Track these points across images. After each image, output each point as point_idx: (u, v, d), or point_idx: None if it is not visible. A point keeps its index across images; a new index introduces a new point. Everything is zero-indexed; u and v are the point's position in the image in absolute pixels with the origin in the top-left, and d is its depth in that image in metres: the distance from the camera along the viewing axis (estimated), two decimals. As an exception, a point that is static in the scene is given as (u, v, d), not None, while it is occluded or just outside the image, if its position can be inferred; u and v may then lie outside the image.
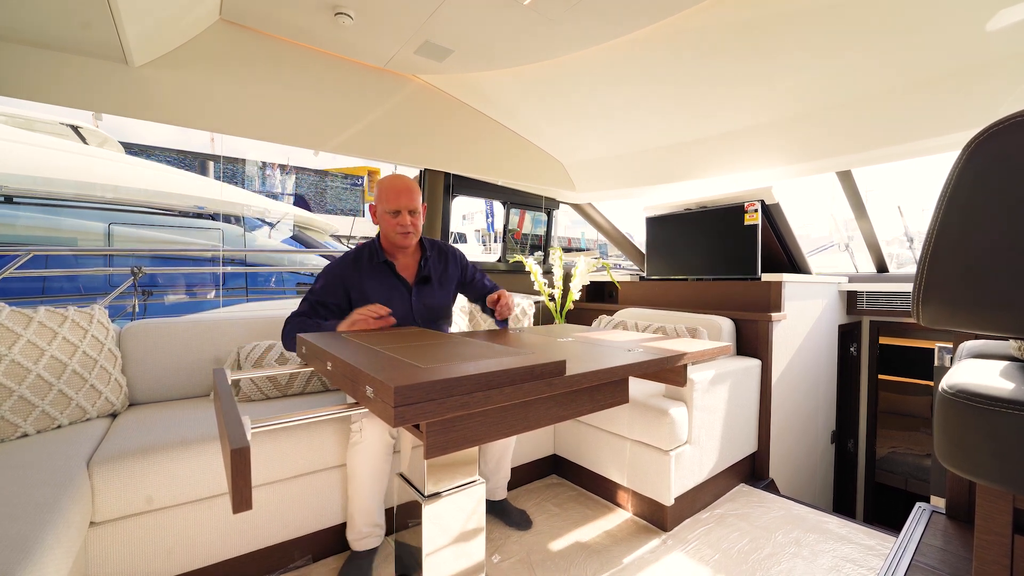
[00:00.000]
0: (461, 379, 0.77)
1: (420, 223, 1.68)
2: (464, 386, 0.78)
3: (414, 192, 1.63)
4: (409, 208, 1.61)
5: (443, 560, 1.14)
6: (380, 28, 1.83)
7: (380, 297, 1.64)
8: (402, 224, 1.61)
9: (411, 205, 1.61)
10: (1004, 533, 0.78)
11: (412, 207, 1.62)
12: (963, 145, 0.56)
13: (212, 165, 10.14)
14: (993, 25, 1.47)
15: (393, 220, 1.62)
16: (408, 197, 1.61)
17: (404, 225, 1.62)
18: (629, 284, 3.09)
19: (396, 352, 0.97)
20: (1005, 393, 0.58)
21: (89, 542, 1.25)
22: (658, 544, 1.74)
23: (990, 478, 0.59)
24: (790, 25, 1.64)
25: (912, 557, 1.13)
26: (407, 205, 1.61)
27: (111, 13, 1.38)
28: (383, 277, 1.69)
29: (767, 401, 2.27)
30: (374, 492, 1.53)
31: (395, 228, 1.62)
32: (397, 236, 1.63)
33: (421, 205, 1.66)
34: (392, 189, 1.62)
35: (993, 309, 0.55)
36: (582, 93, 2.28)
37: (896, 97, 1.81)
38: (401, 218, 1.61)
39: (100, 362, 1.65)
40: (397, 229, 1.62)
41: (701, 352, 1.31)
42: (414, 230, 1.64)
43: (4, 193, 4.79)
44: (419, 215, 1.65)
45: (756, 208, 2.44)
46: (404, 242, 1.65)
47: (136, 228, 5.64)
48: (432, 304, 1.76)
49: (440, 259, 1.82)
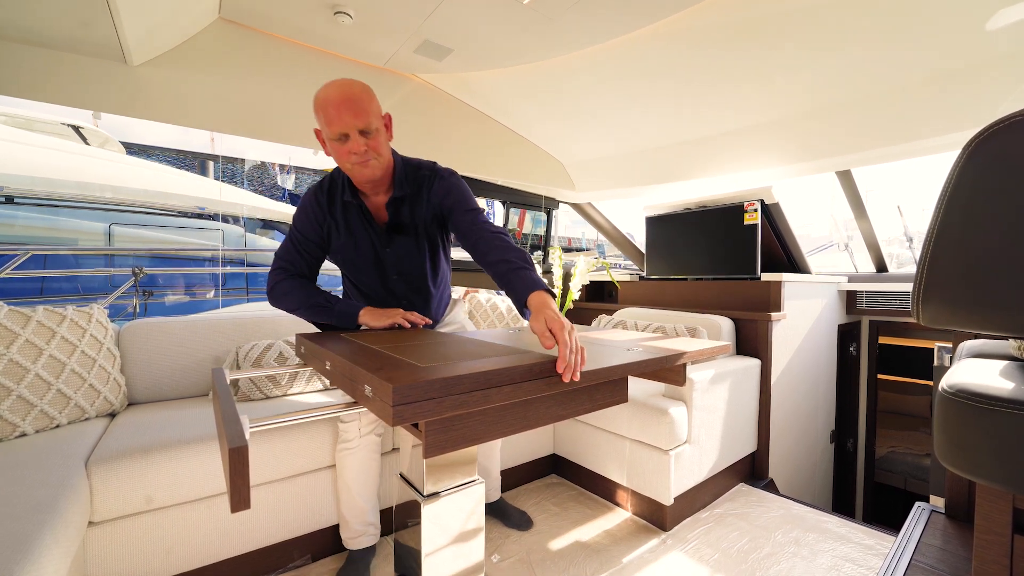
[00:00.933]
0: (460, 378, 0.77)
1: (383, 143, 1.21)
2: (463, 385, 0.78)
3: (361, 103, 1.14)
4: (360, 128, 1.14)
5: (442, 560, 1.14)
6: (379, 27, 1.83)
7: (346, 248, 1.32)
8: (354, 151, 1.15)
9: (360, 123, 1.14)
10: (1004, 533, 0.78)
11: (363, 125, 1.14)
12: (963, 145, 0.56)
13: (212, 165, 10.13)
14: (993, 25, 1.47)
15: (342, 148, 1.16)
16: (353, 112, 1.13)
17: (357, 152, 1.16)
18: (629, 284, 3.09)
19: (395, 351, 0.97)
20: (1005, 393, 0.58)
21: (88, 542, 1.25)
22: (657, 543, 1.73)
23: (990, 477, 0.58)
24: (789, 25, 1.64)
25: (911, 556, 1.13)
26: (354, 124, 1.13)
27: (110, 12, 1.38)
28: (350, 222, 1.31)
29: (767, 401, 2.27)
30: (364, 491, 1.53)
31: (347, 159, 1.18)
32: (353, 169, 1.20)
33: (380, 119, 1.20)
34: (330, 105, 1.13)
35: (993, 309, 0.55)
36: (582, 92, 2.27)
37: (896, 97, 1.81)
38: (351, 143, 1.15)
39: (99, 361, 1.65)
40: (350, 160, 1.18)
41: (700, 351, 1.31)
42: (375, 155, 1.19)
43: (5, 193, 4.79)
44: (379, 133, 1.19)
45: (756, 208, 2.44)
46: (363, 175, 1.21)
47: (136, 228, 5.65)
48: (411, 258, 1.35)
49: (418, 194, 1.32)
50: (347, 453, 1.51)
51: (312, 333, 1.28)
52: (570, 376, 0.85)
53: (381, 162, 1.22)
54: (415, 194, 1.32)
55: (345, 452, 1.52)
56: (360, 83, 1.18)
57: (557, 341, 0.88)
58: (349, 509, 1.54)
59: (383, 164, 1.23)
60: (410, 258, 1.35)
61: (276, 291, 1.32)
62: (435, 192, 1.32)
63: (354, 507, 1.53)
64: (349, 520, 1.54)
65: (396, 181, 1.29)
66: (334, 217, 1.31)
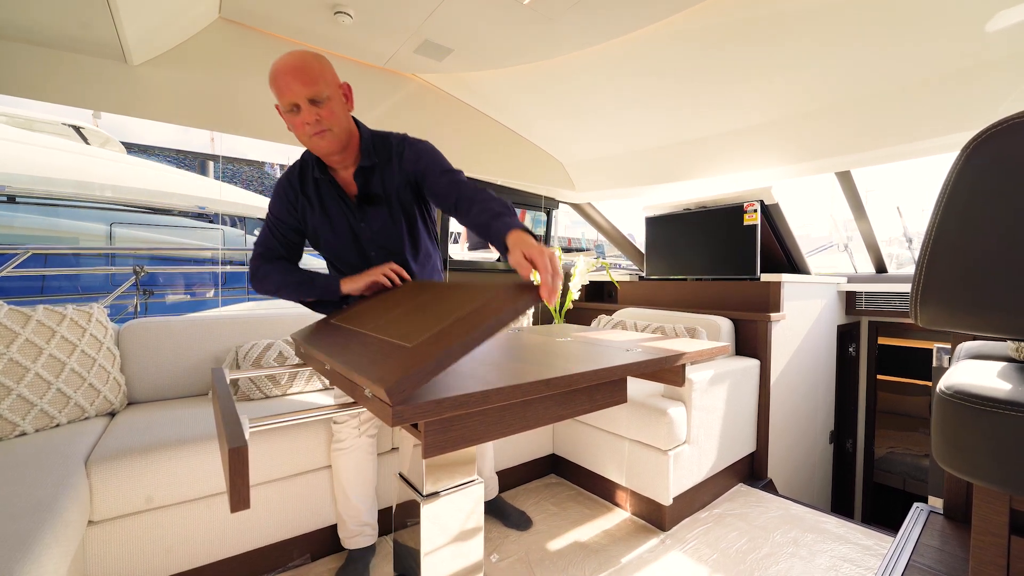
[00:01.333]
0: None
1: (339, 113, 1.16)
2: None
3: (310, 71, 1.11)
4: (308, 97, 1.10)
5: (441, 559, 1.14)
6: (379, 27, 1.83)
7: (322, 227, 1.29)
8: (306, 122, 1.13)
9: (308, 92, 1.10)
10: (1000, 534, 0.78)
11: (312, 94, 1.10)
12: (962, 146, 0.56)
13: (212, 165, 10.13)
14: (992, 26, 1.47)
15: (295, 119, 1.14)
16: (301, 81, 1.09)
17: (309, 123, 1.13)
18: (628, 284, 3.09)
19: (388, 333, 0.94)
20: (1002, 394, 0.58)
21: (87, 541, 1.25)
22: (656, 543, 1.74)
23: (987, 479, 0.59)
24: (789, 25, 1.64)
25: (910, 557, 1.13)
26: (302, 93, 1.10)
27: (110, 11, 1.38)
28: (323, 198, 1.28)
29: (766, 401, 2.27)
30: (359, 492, 1.53)
31: (302, 131, 1.15)
32: (310, 141, 1.17)
33: (336, 84, 1.16)
34: (279, 76, 1.10)
35: (991, 310, 0.55)
36: (582, 92, 2.28)
37: (895, 98, 1.81)
38: (303, 114, 1.12)
39: (99, 361, 1.65)
40: (305, 132, 1.15)
41: (700, 352, 1.31)
42: (330, 125, 1.15)
43: (6, 193, 4.79)
44: (332, 102, 1.14)
45: (755, 208, 2.44)
46: (320, 147, 1.18)
47: (137, 228, 5.65)
48: (388, 231, 1.31)
49: (388, 163, 1.28)
50: (341, 453, 1.51)
51: (305, 329, 1.28)
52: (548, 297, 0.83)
53: (337, 132, 1.17)
54: (385, 163, 1.28)
55: (339, 452, 1.52)
56: (312, 53, 1.14)
57: (536, 266, 0.85)
58: (345, 509, 1.54)
59: (340, 135, 1.18)
60: (386, 231, 1.31)
61: (258, 275, 1.31)
62: (406, 159, 1.28)
63: (350, 507, 1.53)
64: (345, 520, 1.54)
65: (363, 150, 1.25)
66: (307, 196, 1.29)
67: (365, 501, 1.55)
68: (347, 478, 1.51)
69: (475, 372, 0.95)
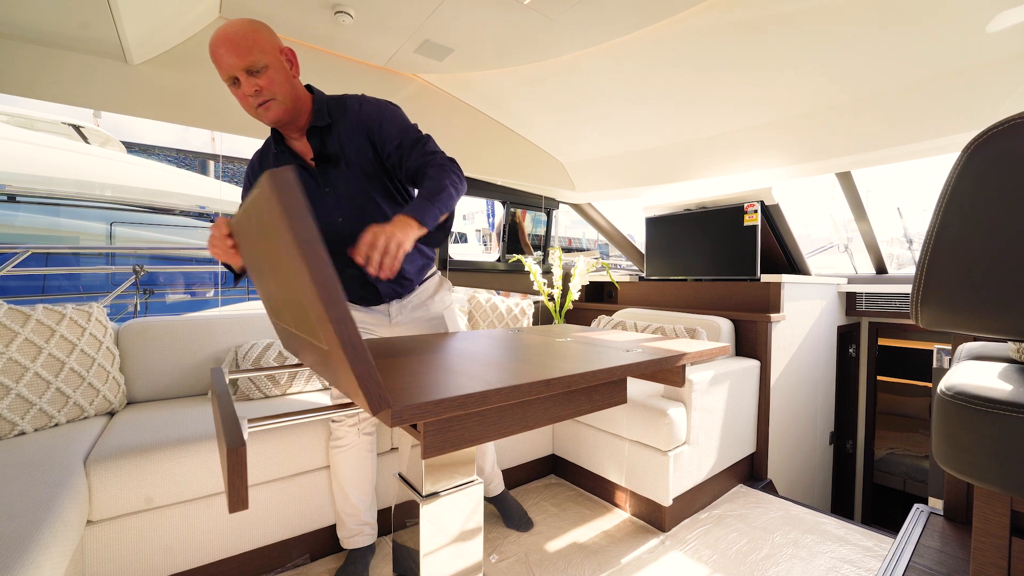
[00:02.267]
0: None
1: (282, 80, 1.11)
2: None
3: (243, 39, 1.05)
4: (245, 67, 1.06)
5: (441, 560, 1.14)
6: (380, 27, 1.83)
7: None
8: (247, 94, 1.09)
9: (244, 62, 1.05)
10: (1002, 535, 0.78)
11: (248, 64, 1.05)
12: (963, 147, 0.56)
13: (212, 164, 10.13)
14: (993, 27, 1.47)
15: (238, 92, 1.11)
16: (235, 52, 1.04)
17: (251, 95, 1.09)
18: (628, 284, 3.09)
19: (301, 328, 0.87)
20: (1003, 395, 0.58)
21: (86, 541, 1.25)
22: (656, 544, 1.73)
23: (988, 480, 0.58)
24: (790, 26, 1.64)
25: (910, 558, 1.13)
26: (238, 65, 1.05)
27: (110, 10, 1.38)
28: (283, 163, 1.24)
29: (766, 402, 2.27)
30: (357, 491, 1.53)
31: (245, 103, 1.12)
32: (257, 112, 1.13)
33: (273, 54, 1.10)
34: (214, 49, 1.05)
35: (992, 311, 0.55)
36: (582, 93, 2.27)
37: (896, 98, 1.81)
38: (243, 86, 1.08)
39: (98, 360, 1.65)
40: (249, 104, 1.12)
41: (700, 352, 1.30)
42: (272, 94, 1.10)
43: (6, 192, 4.79)
44: (271, 70, 1.09)
45: (756, 209, 2.44)
46: (264, 117, 1.14)
47: (137, 227, 5.65)
48: (352, 194, 1.25)
49: (344, 121, 1.24)
50: (339, 452, 1.51)
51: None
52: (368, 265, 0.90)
53: (282, 100, 1.12)
54: (340, 121, 1.23)
55: (337, 452, 1.51)
56: (248, 20, 1.08)
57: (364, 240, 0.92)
58: (344, 508, 1.54)
59: (285, 102, 1.13)
60: (350, 192, 1.25)
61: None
62: (365, 114, 1.23)
63: (348, 507, 1.53)
64: (344, 520, 1.54)
65: (316, 112, 1.20)
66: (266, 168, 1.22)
67: (364, 500, 1.55)
68: (345, 476, 1.51)
69: (474, 372, 0.95)
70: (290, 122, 1.19)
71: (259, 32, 1.09)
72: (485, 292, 2.88)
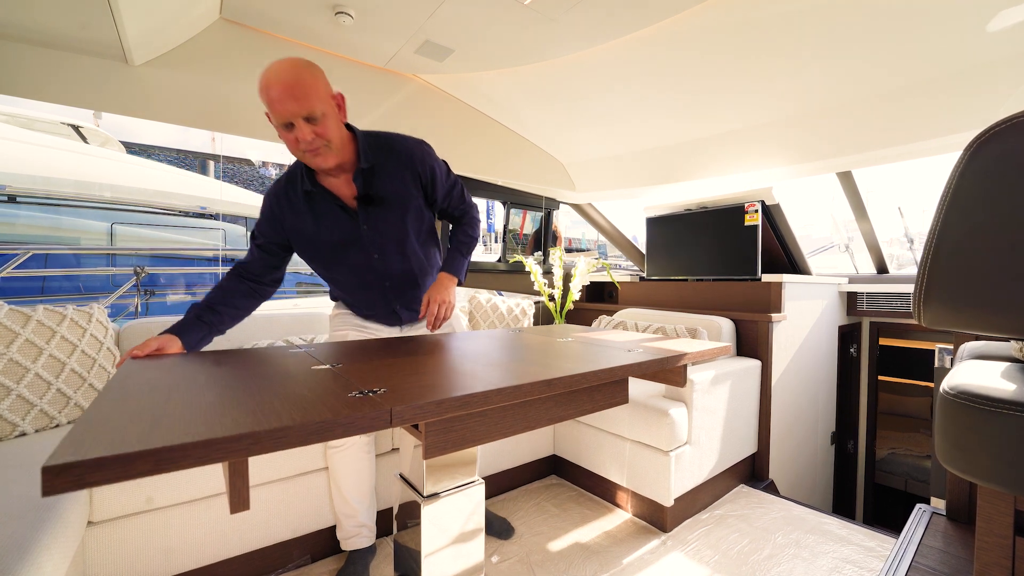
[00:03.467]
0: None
1: (332, 129, 1.13)
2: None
3: (303, 87, 1.06)
4: (304, 115, 1.08)
5: (442, 560, 1.14)
6: (380, 27, 1.83)
7: (319, 238, 1.26)
8: (302, 139, 1.10)
9: (304, 110, 1.07)
10: (1006, 535, 0.78)
11: (306, 112, 1.07)
12: (964, 146, 0.56)
13: (212, 165, 10.13)
14: (994, 26, 1.47)
15: (289, 136, 1.12)
16: (295, 99, 1.05)
17: (305, 141, 1.10)
18: (629, 284, 3.09)
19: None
20: (1007, 394, 0.57)
21: (87, 542, 1.25)
22: (657, 545, 1.73)
23: (991, 480, 0.58)
24: (790, 25, 1.64)
25: (912, 559, 1.12)
26: (297, 112, 1.07)
27: (111, 12, 1.38)
28: (317, 208, 1.26)
29: (767, 402, 2.27)
30: (355, 492, 1.52)
31: (296, 148, 1.14)
32: (304, 157, 1.16)
33: (328, 101, 1.12)
34: (271, 90, 1.05)
35: (995, 310, 0.55)
36: (582, 93, 2.27)
37: (897, 98, 1.80)
38: (298, 132, 1.09)
39: (99, 361, 1.65)
40: (299, 148, 1.13)
41: (701, 352, 1.30)
42: (325, 143, 1.13)
43: (6, 193, 4.79)
44: (327, 118, 1.11)
45: (756, 208, 2.44)
46: (315, 164, 1.16)
47: (138, 228, 5.65)
48: (391, 232, 1.29)
49: (388, 163, 1.27)
50: (336, 454, 1.51)
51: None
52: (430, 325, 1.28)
53: (333, 147, 1.16)
54: (384, 163, 1.26)
55: (334, 453, 1.51)
56: (304, 63, 1.09)
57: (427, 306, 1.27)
58: (342, 509, 1.53)
59: (336, 149, 1.17)
60: (389, 232, 1.29)
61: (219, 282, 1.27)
62: (415, 158, 1.29)
63: (347, 508, 1.52)
64: (342, 521, 1.54)
65: (360, 153, 1.23)
66: (295, 210, 1.25)
67: (362, 501, 1.54)
68: (343, 478, 1.51)
69: (476, 372, 0.95)
70: (331, 168, 1.20)
71: (317, 79, 1.11)
72: (486, 292, 2.88)
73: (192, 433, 0.54)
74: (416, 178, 1.30)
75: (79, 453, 0.48)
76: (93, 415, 0.61)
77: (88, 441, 0.51)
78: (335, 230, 1.27)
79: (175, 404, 0.67)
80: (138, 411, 0.63)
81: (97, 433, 0.54)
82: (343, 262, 1.32)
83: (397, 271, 1.36)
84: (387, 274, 1.35)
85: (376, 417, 0.66)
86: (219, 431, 0.55)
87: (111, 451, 0.49)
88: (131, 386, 0.78)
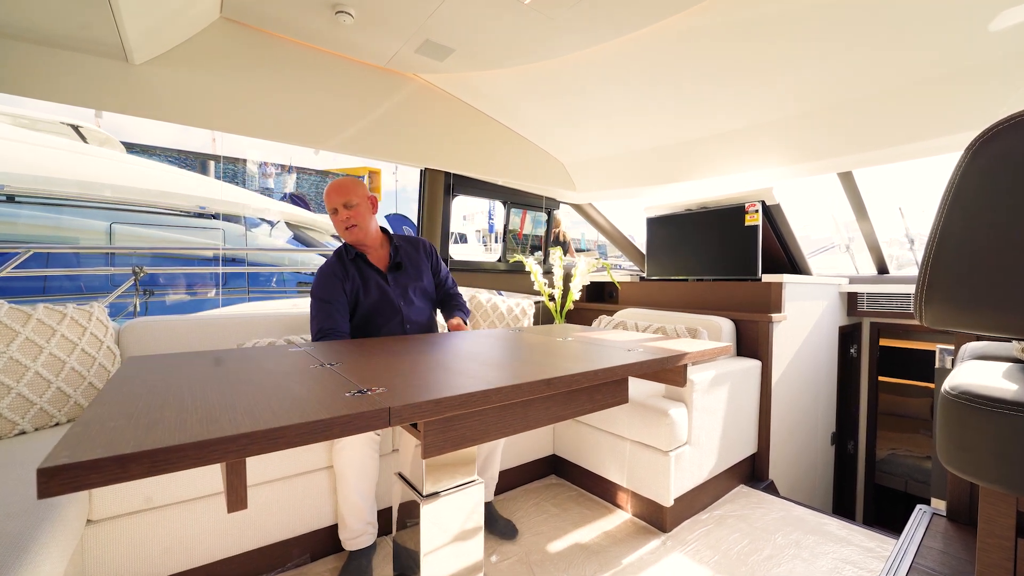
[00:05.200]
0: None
1: (364, 214, 1.76)
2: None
3: (346, 187, 1.73)
4: (343, 203, 1.72)
5: (441, 560, 1.14)
6: (381, 27, 1.82)
7: (363, 287, 1.78)
8: (341, 220, 1.73)
9: (343, 200, 1.72)
10: (1007, 536, 0.77)
11: (346, 201, 1.72)
12: (965, 146, 0.56)
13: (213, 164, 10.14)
14: (995, 25, 1.46)
15: (336, 218, 1.74)
16: (339, 194, 1.72)
17: (343, 220, 1.73)
18: (629, 284, 3.09)
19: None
20: (1008, 395, 0.57)
21: (86, 540, 1.25)
22: (657, 545, 1.73)
23: (993, 480, 0.58)
24: (791, 25, 1.64)
25: (913, 559, 1.12)
26: (339, 201, 1.72)
27: (111, 11, 1.38)
28: (361, 269, 1.80)
29: (767, 402, 2.27)
30: (362, 490, 1.53)
31: (338, 225, 1.75)
32: (343, 232, 1.75)
33: (364, 197, 1.76)
34: (328, 190, 1.75)
35: (996, 309, 0.55)
36: (583, 93, 2.27)
37: (898, 97, 1.80)
38: (340, 215, 1.73)
39: (99, 360, 1.65)
40: (340, 225, 1.74)
41: (701, 352, 1.30)
42: (355, 221, 1.73)
43: (6, 192, 4.79)
44: (359, 207, 1.74)
45: (757, 209, 2.44)
46: (350, 236, 1.75)
47: (137, 227, 5.65)
48: (409, 286, 1.85)
49: (411, 248, 1.94)
50: (342, 452, 1.51)
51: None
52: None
53: (362, 227, 1.75)
54: (408, 247, 1.92)
55: (341, 451, 1.51)
56: (353, 177, 1.73)
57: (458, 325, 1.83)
58: (348, 508, 1.53)
59: (364, 229, 1.76)
60: (409, 288, 1.85)
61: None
62: (427, 247, 1.99)
63: (353, 506, 1.53)
64: (348, 520, 1.54)
65: (393, 244, 1.87)
66: (348, 274, 1.76)
67: (368, 499, 1.55)
68: (351, 474, 1.51)
69: (475, 371, 0.94)
70: (363, 243, 1.79)
71: (358, 185, 1.78)
72: (486, 292, 2.88)
73: (188, 434, 0.54)
74: (428, 258, 1.96)
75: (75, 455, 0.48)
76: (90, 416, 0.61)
77: (84, 442, 0.51)
78: (376, 288, 1.79)
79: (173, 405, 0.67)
80: (135, 412, 0.63)
81: (93, 434, 0.54)
82: (381, 308, 1.80)
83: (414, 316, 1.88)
84: (408, 318, 1.85)
85: (374, 416, 0.66)
86: (215, 432, 0.55)
87: (107, 453, 0.48)
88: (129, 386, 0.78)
